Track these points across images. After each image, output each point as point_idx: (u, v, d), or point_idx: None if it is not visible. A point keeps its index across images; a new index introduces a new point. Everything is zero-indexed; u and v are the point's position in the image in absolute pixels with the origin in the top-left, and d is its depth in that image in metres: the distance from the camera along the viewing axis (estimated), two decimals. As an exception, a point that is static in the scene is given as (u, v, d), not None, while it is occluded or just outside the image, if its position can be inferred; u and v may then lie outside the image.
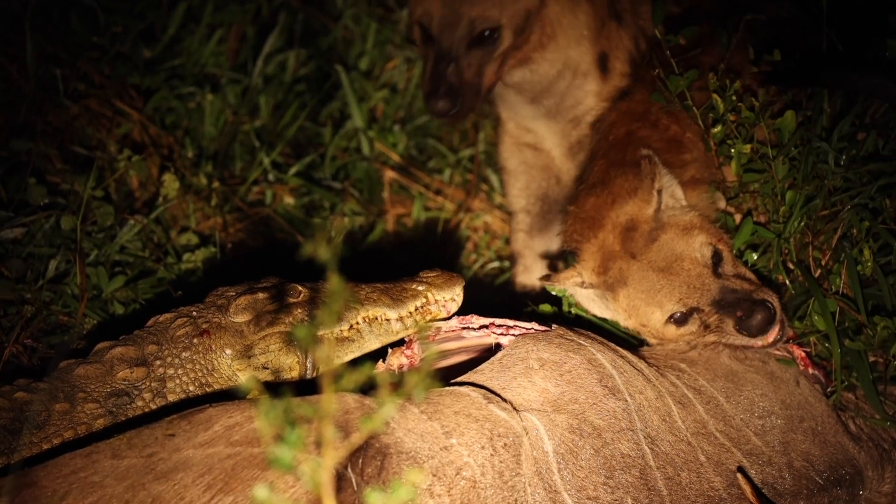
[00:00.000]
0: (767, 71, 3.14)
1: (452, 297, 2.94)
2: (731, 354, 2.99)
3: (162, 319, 2.86)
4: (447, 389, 2.66)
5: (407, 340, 2.89)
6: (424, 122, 4.79)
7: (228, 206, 4.22)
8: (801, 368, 3.01)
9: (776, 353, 3.03)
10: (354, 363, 2.84)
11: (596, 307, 3.25)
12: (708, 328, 3.01)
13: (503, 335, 2.86)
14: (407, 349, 2.87)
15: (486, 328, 2.89)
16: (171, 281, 3.72)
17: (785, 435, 2.85)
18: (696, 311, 3.03)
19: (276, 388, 2.75)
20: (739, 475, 2.72)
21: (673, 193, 3.15)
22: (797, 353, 3.04)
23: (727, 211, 3.21)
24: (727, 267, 3.07)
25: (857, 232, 3.05)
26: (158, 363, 2.77)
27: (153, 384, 2.76)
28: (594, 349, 2.78)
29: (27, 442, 2.63)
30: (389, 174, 4.60)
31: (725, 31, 3.17)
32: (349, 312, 2.84)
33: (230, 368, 2.79)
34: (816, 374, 3.02)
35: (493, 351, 2.84)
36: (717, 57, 3.18)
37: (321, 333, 2.77)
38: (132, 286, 3.61)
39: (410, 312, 2.89)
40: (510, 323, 2.89)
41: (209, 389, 2.79)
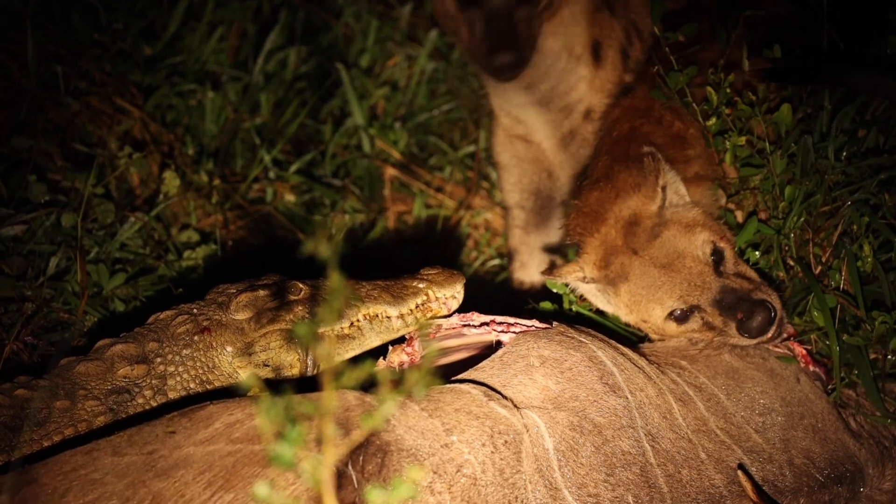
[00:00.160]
0: (767, 67, 3.14)
1: (453, 294, 2.94)
2: (731, 351, 2.98)
3: (163, 317, 2.86)
4: (448, 387, 2.66)
5: (408, 338, 2.89)
6: (425, 119, 4.79)
7: (229, 203, 4.22)
8: (801, 365, 3.01)
9: (776, 350, 3.03)
10: (355, 360, 2.84)
11: (599, 302, 3.25)
12: (712, 329, 3.00)
13: (504, 332, 2.86)
14: (408, 346, 2.87)
15: (486, 325, 2.89)
16: (171, 278, 3.72)
17: (785, 432, 2.84)
18: (696, 308, 3.03)
19: (276, 385, 2.75)
20: (740, 472, 2.72)
21: (677, 190, 3.15)
22: (797, 350, 3.04)
23: (728, 208, 3.21)
24: (728, 265, 3.06)
25: (857, 228, 3.04)
26: (159, 360, 2.77)
27: (154, 381, 2.76)
28: (595, 346, 2.78)
29: (28, 439, 2.63)
30: (390, 171, 4.59)
31: (725, 27, 3.17)
32: (350, 310, 2.84)
33: (231, 366, 2.80)
34: (817, 371, 3.02)
35: (493, 348, 2.84)
36: (716, 53, 3.17)
37: (322, 331, 2.77)
38: (133, 283, 3.61)
39: (411, 310, 2.90)
40: (511, 320, 2.89)
41: (210, 387, 2.79)
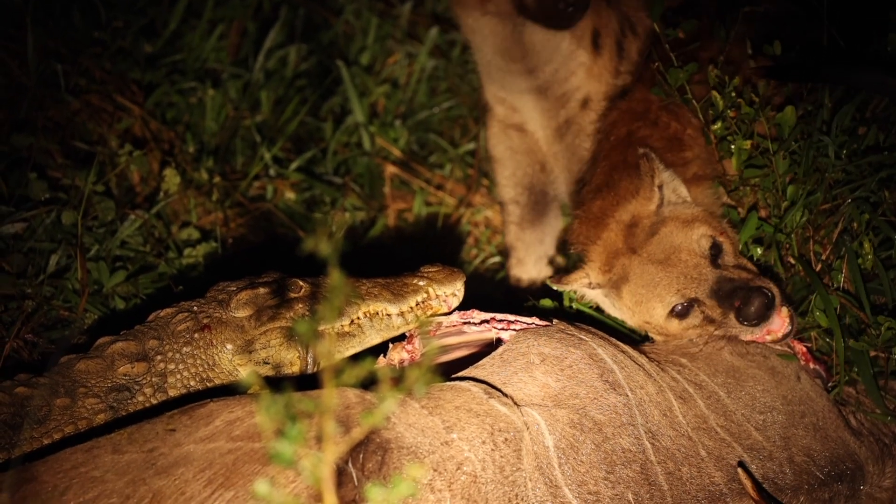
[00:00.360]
0: (767, 65, 3.14)
1: (453, 292, 2.94)
2: (732, 350, 2.98)
3: (163, 314, 2.86)
4: (448, 384, 2.66)
5: (408, 335, 2.89)
6: (426, 117, 4.78)
7: (229, 201, 4.22)
8: (801, 363, 3.01)
9: (777, 347, 3.03)
10: (355, 358, 2.84)
11: (606, 307, 3.26)
12: (713, 322, 3.00)
13: (504, 330, 2.86)
14: (408, 344, 2.87)
15: (486, 323, 2.88)
16: (171, 276, 3.72)
17: (786, 430, 2.84)
18: (696, 302, 3.03)
19: (277, 382, 2.75)
20: (740, 470, 2.72)
21: (675, 189, 3.15)
22: (798, 347, 3.03)
23: (729, 205, 3.21)
24: (727, 258, 3.07)
25: (857, 225, 3.04)
26: (159, 358, 2.77)
27: (154, 379, 2.76)
28: (595, 344, 2.78)
29: (28, 437, 2.63)
30: (390, 169, 4.59)
31: (724, 24, 3.17)
32: (350, 307, 2.84)
33: (231, 363, 2.80)
34: (817, 368, 3.02)
35: (493, 346, 2.84)
36: (716, 51, 3.17)
37: (322, 328, 2.77)
38: (133, 281, 3.61)
39: (411, 307, 2.90)
40: (511, 318, 2.89)
41: (210, 384, 2.79)
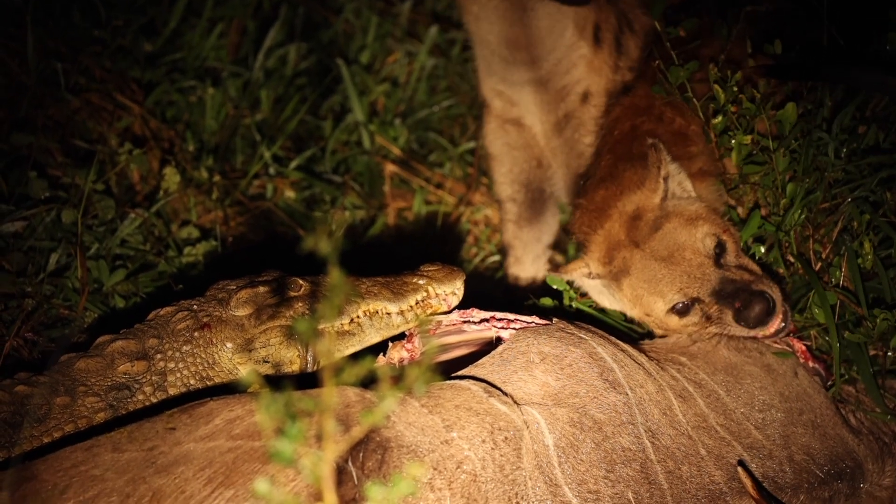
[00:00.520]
0: (768, 64, 3.14)
1: (453, 290, 2.94)
2: (728, 345, 2.99)
3: (163, 313, 2.86)
4: (448, 383, 2.66)
5: (408, 334, 2.89)
6: (425, 115, 4.78)
7: (229, 199, 4.22)
8: (800, 361, 3.01)
9: (774, 345, 3.03)
10: (355, 357, 2.84)
11: (605, 299, 3.26)
12: (710, 319, 3.01)
13: (504, 329, 2.86)
14: (408, 343, 2.87)
15: (486, 322, 2.88)
16: (171, 274, 3.72)
17: (785, 428, 2.84)
18: (697, 301, 3.03)
19: (276, 381, 2.75)
20: (740, 469, 2.72)
21: (680, 183, 3.15)
22: (797, 346, 3.04)
23: (730, 204, 3.21)
24: (730, 258, 3.07)
25: (857, 225, 3.04)
26: (159, 357, 2.77)
27: (154, 378, 2.76)
28: (595, 343, 2.78)
29: (28, 435, 2.63)
30: (390, 168, 4.59)
31: (725, 23, 3.17)
32: (350, 306, 2.84)
33: (231, 362, 2.80)
34: (817, 367, 3.02)
35: (493, 345, 2.84)
36: (717, 49, 3.17)
37: (322, 327, 2.77)
38: (133, 280, 3.61)
39: (411, 306, 2.90)
40: (511, 316, 2.89)
41: (210, 383, 2.79)
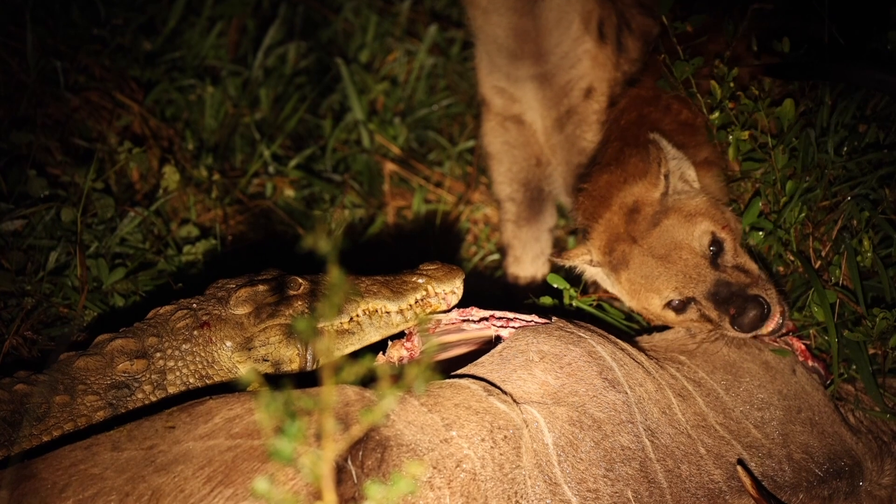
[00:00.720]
0: (770, 62, 3.14)
1: (452, 289, 2.94)
2: (728, 343, 2.99)
3: (162, 311, 2.86)
4: (447, 382, 2.66)
5: (407, 333, 2.89)
6: (425, 114, 4.78)
7: (229, 198, 4.22)
8: (799, 360, 3.01)
9: (773, 343, 3.03)
10: (354, 355, 2.84)
11: (606, 284, 3.28)
12: (709, 321, 3.02)
13: (503, 327, 2.86)
14: (407, 341, 2.87)
15: (486, 320, 2.88)
16: (171, 273, 3.72)
17: (784, 426, 2.84)
18: (693, 301, 3.04)
19: (276, 380, 2.75)
20: (739, 468, 2.72)
21: (683, 175, 3.15)
22: (796, 345, 3.04)
23: (731, 197, 3.22)
24: (727, 257, 3.07)
25: (856, 223, 3.04)
26: (159, 355, 2.77)
27: (153, 376, 2.76)
28: (594, 341, 2.78)
29: (27, 434, 2.63)
30: (389, 166, 4.59)
31: (731, 20, 3.17)
32: (349, 305, 2.84)
33: (230, 360, 2.80)
34: (816, 366, 3.02)
35: (493, 343, 2.84)
36: (722, 45, 3.18)
37: (321, 325, 2.77)
38: (132, 278, 3.61)
39: (411, 305, 2.90)
40: (510, 315, 2.89)
41: (209, 381, 2.79)
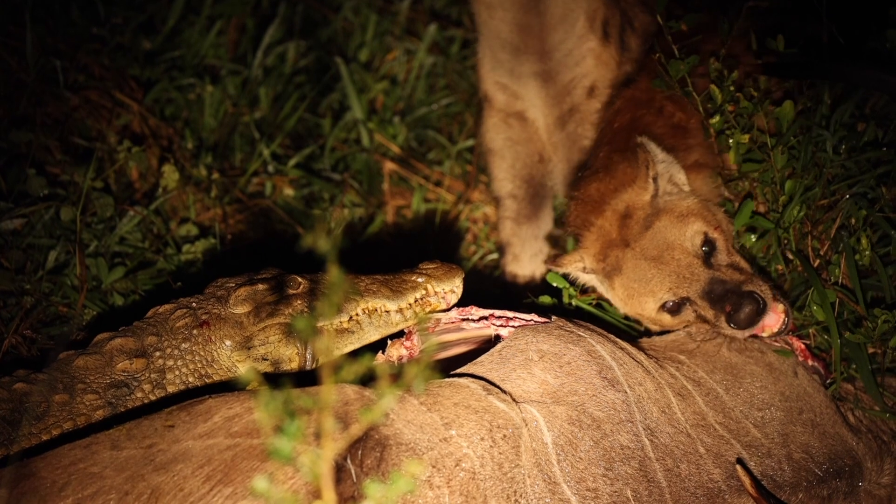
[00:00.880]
0: (768, 62, 3.14)
1: (452, 288, 2.94)
2: (730, 346, 2.99)
3: (161, 311, 2.86)
4: (447, 381, 2.66)
5: (406, 332, 2.89)
6: (424, 113, 4.78)
7: (228, 197, 4.22)
8: (799, 360, 3.01)
9: (774, 343, 3.03)
10: (354, 354, 2.84)
11: (601, 290, 3.27)
12: (706, 321, 3.02)
13: (503, 327, 2.86)
14: (406, 340, 2.87)
15: (485, 319, 2.88)
16: (170, 272, 3.72)
17: (784, 427, 2.84)
18: (687, 301, 3.04)
19: (275, 379, 2.75)
20: (739, 467, 2.72)
21: (671, 178, 3.15)
22: (796, 344, 3.04)
23: (727, 197, 3.21)
24: (720, 256, 3.07)
25: (855, 221, 3.05)
26: (158, 354, 2.77)
27: (153, 375, 2.76)
28: (594, 341, 2.78)
29: (26, 433, 2.63)
30: (389, 165, 4.59)
31: (727, 18, 3.17)
32: (349, 304, 2.84)
33: (230, 359, 2.80)
34: (816, 365, 3.02)
35: (492, 342, 2.84)
36: (718, 44, 3.18)
37: (321, 325, 2.77)
38: (132, 277, 3.61)
39: (410, 304, 2.90)
40: (510, 314, 2.89)
41: (209, 380, 2.79)
